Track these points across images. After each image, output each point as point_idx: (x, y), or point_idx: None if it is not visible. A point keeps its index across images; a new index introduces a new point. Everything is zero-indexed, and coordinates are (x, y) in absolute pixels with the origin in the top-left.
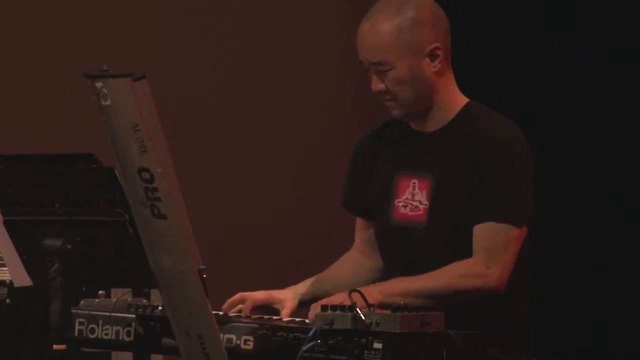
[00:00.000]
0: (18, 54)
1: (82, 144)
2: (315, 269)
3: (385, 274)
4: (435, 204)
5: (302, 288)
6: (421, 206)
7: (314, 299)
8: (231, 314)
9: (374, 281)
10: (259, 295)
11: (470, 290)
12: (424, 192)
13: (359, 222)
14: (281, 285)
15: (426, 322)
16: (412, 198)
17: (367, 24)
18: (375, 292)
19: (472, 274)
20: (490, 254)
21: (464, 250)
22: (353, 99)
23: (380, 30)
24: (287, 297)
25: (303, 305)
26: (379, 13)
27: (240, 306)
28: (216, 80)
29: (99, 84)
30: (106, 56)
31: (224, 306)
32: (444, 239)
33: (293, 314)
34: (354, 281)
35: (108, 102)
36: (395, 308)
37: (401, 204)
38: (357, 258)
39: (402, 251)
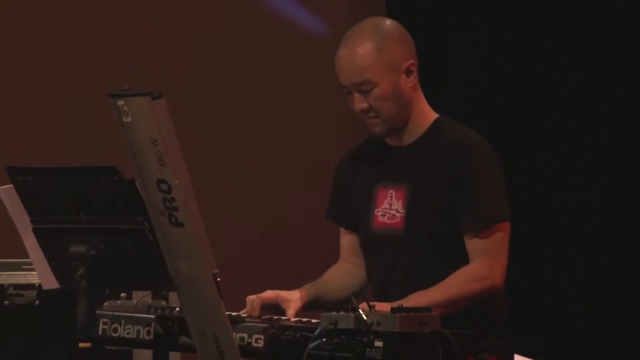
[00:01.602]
0: (51, 76)
1: (106, 158)
2: (321, 273)
3: (370, 278)
4: (410, 211)
5: (304, 291)
6: (398, 214)
7: (316, 300)
8: (243, 314)
9: (363, 288)
10: (268, 294)
11: (481, 292)
12: (400, 201)
13: (344, 234)
14: (290, 287)
15: (423, 322)
16: (390, 207)
17: (345, 49)
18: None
19: (479, 277)
20: (490, 256)
21: (439, 254)
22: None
23: (360, 53)
24: (293, 298)
25: (305, 307)
26: (355, 38)
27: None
28: (230, 97)
29: (120, 102)
30: (128, 76)
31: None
32: (419, 244)
33: (297, 314)
34: (347, 287)
35: (129, 119)
36: (394, 309)
37: (380, 213)
38: (347, 268)
39: (383, 257)
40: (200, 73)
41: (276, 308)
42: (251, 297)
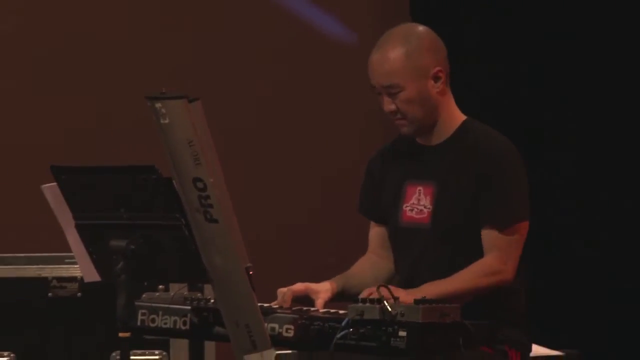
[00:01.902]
0: (93, 79)
1: (145, 157)
2: (346, 267)
3: (398, 270)
4: (437, 207)
5: (334, 282)
6: (425, 210)
7: (344, 291)
8: (274, 306)
9: (390, 279)
10: (298, 287)
11: (491, 287)
12: (428, 197)
13: (374, 227)
14: (317, 280)
15: (445, 313)
16: (418, 203)
17: (378, 53)
18: (415, 297)
19: (492, 272)
20: (504, 252)
21: (462, 248)
22: (383, 117)
23: (390, 58)
24: (322, 289)
25: (334, 298)
26: (388, 43)
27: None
28: (260, 101)
29: (158, 105)
30: (167, 80)
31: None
32: (444, 238)
33: (326, 304)
34: (374, 279)
35: (167, 121)
36: (417, 301)
37: (408, 208)
38: (374, 260)
39: (410, 250)
40: (233, 77)
41: (306, 299)
42: (282, 290)
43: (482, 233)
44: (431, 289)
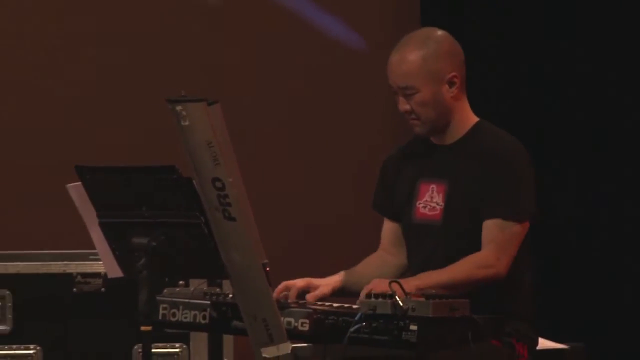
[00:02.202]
0: (117, 82)
1: (166, 158)
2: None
3: (410, 265)
4: (449, 205)
5: (336, 278)
6: (438, 207)
7: (346, 288)
8: (290, 302)
9: (398, 276)
10: (300, 283)
11: (483, 279)
12: (441, 195)
13: (387, 224)
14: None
15: (454, 307)
16: (431, 200)
17: (397, 54)
18: (411, 285)
19: (485, 265)
20: (498, 247)
21: (473, 244)
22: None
23: (408, 60)
24: (322, 284)
25: (336, 293)
26: (407, 46)
27: (285, 293)
28: (287, 101)
29: (178, 107)
30: (186, 83)
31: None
32: (456, 234)
33: (318, 298)
34: (378, 275)
35: (187, 123)
36: (428, 296)
37: (421, 205)
38: (383, 256)
39: (423, 245)
40: (254, 79)
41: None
42: (288, 284)
43: (483, 226)
44: (426, 277)
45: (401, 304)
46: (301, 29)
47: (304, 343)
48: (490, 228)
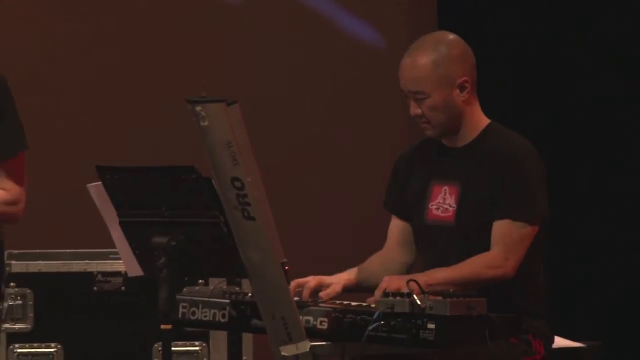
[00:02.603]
0: (140, 86)
1: (185, 158)
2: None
3: (423, 265)
4: (461, 206)
5: (346, 275)
6: (450, 208)
7: (357, 284)
8: (307, 300)
9: (401, 274)
10: (312, 282)
11: (491, 279)
12: (453, 196)
13: (395, 222)
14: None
15: (471, 306)
16: (443, 202)
17: (408, 59)
18: (420, 281)
19: (493, 265)
20: (508, 248)
21: (485, 245)
22: None
23: (418, 65)
24: (333, 282)
25: (346, 290)
26: (418, 50)
27: (298, 290)
28: (305, 99)
29: (198, 108)
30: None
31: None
32: (468, 236)
33: (330, 296)
34: (384, 272)
35: (206, 123)
36: (445, 295)
37: (434, 206)
38: (388, 254)
39: (435, 246)
40: (275, 80)
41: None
42: (300, 282)
43: (493, 226)
44: (434, 274)
45: (419, 303)
46: (321, 28)
47: (323, 341)
48: (500, 228)
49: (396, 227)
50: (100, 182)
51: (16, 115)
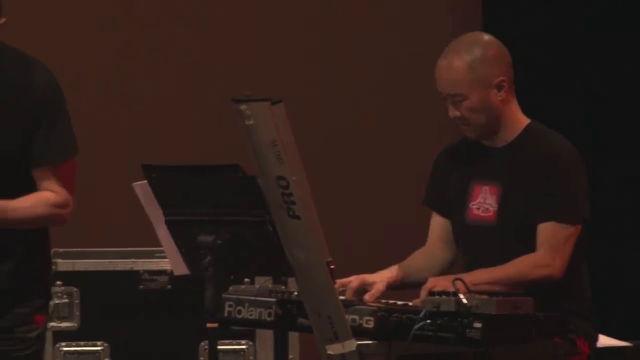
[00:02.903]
0: (187, 85)
1: (229, 156)
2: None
3: (464, 263)
4: (503, 206)
5: (389, 273)
6: (491, 208)
7: (402, 281)
8: (353, 299)
9: (444, 271)
10: (355, 282)
11: (539, 279)
12: (494, 196)
13: (436, 219)
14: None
15: (517, 305)
16: (484, 201)
17: (444, 61)
18: (466, 280)
19: (541, 265)
20: (554, 248)
21: (526, 245)
22: None
23: (454, 67)
24: (377, 280)
25: (390, 288)
26: (453, 53)
27: (342, 289)
28: (348, 101)
29: (243, 107)
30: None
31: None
32: (509, 236)
33: (376, 296)
34: (426, 270)
35: (251, 122)
36: (491, 294)
37: (475, 206)
38: (430, 251)
39: (475, 246)
40: (319, 79)
41: (364, 291)
42: (343, 282)
43: (537, 228)
44: (481, 274)
45: (465, 302)
46: (359, 25)
47: (369, 340)
48: (545, 230)
49: (437, 224)
50: (145, 181)
51: (68, 119)
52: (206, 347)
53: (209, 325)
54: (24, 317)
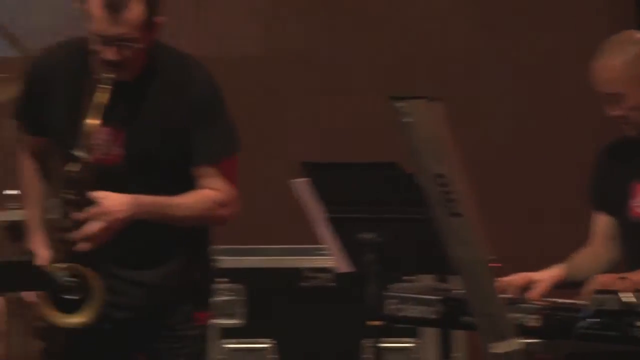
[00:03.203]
0: (347, 85)
1: (389, 155)
2: None
3: (627, 264)
4: None
5: (555, 272)
6: None
7: (564, 281)
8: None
9: (609, 270)
10: (519, 280)
11: None
12: None
13: (600, 219)
14: None
15: None
16: None
17: (600, 61)
18: (636, 279)
19: None
20: None
21: None
22: None
23: (609, 67)
24: (542, 279)
25: (555, 286)
26: (607, 52)
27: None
28: (503, 101)
29: (400, 104)
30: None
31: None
32: None
33: (542, 295)
34: (592, 269)
35: (409, 120)
36: None
37: (636, 205)
38: (596, 251)
39: (638, 244)
40: (483, 77)
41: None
42: (508, 280)
43: None
44: None
45: (630, 300)
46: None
47: (535, 339)
48: None
49: (602, 222)
50: (304, 179)
51: (228, 116)
52: (369, 345)
53: (371, 322)
54: (186, 315)
